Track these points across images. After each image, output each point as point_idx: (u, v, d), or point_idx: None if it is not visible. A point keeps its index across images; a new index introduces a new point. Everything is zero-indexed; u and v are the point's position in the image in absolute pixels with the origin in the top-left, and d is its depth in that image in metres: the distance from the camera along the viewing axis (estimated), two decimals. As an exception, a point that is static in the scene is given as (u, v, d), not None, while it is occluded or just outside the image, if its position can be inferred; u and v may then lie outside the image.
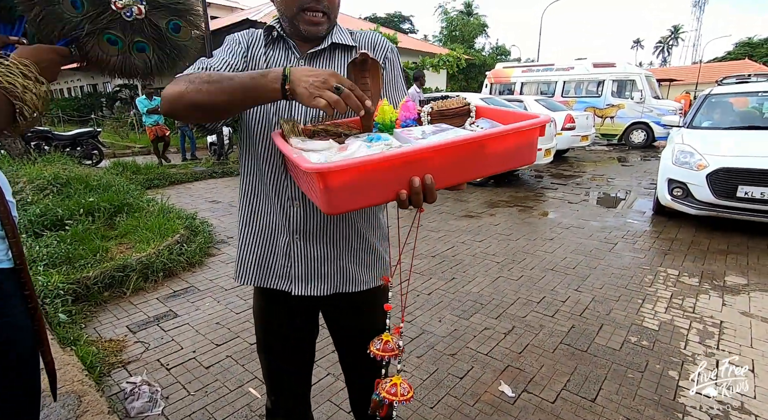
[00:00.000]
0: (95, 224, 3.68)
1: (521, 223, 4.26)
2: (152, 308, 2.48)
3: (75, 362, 1.61)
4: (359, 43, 1.01)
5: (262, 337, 1.08)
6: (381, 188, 0.66)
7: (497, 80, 12.74)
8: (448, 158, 0.71)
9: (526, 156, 0.84)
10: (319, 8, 0.90)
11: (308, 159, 0.67)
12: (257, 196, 0.98)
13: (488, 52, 31.20)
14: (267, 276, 0.99)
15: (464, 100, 0.97)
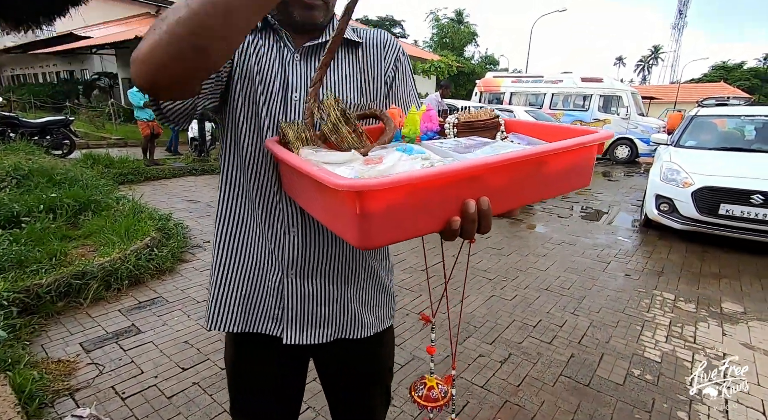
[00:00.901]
0: (56, 223, 3.36)
1: (512, 238, 4.15)
2: (112, 322, 2.22)
3: (7, 395, 1.36)
4: (366, 40, 0.84)
5: (238, 397, 0.87)
6: (430, 214, 0.50)
7: (487, 89, 12.77)
8: (506, 177, 0.55)
9: (584, 176, 0.69)
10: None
11: (335, 173, 0.49)
12: (241, 219, 0.79)
13: (477, 60, 31.55)
14: (252, 319, 0.80)
15: (492, 111, 0.81)
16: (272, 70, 0.76)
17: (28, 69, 25.50)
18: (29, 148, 6.62)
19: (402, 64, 0.85)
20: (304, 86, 0.76)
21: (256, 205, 0.76)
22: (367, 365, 0.90)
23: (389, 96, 0.85)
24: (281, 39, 0.78)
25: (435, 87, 18.22)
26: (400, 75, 0.85)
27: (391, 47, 0.84)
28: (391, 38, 0.86)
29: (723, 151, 4.47)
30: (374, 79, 0.83)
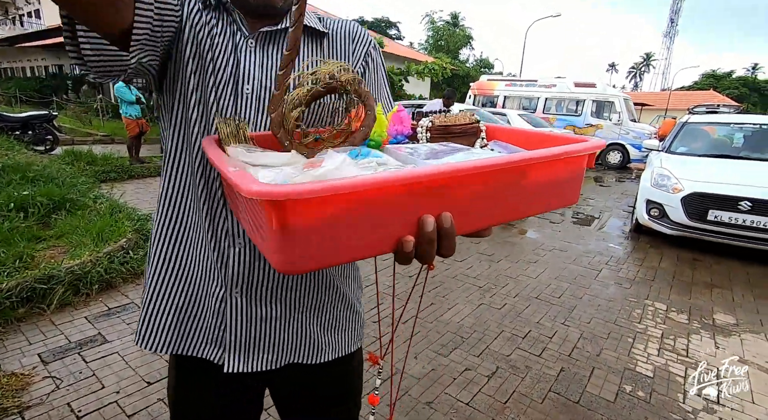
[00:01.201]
0: (27, 222, 3.20)
1: (503, 243, 4.07)
2: (77, 330, 2.08)
3: (-57, 416, 1.24)
4: (333, 31, 0.73)
5: None
6: (376, 232, 0.39)
7: (481, 92, 12.75)
8: (476, 189, 0.45)
9: (572, 192, 0.59)
10: None
11: (254, 177, 0.38)
12: (183, 224, 0.68)
13: (472, 63, 31.65)
14: (188, 341, 0.69)
15: (472, 116, 0.71)
16: (223, 56, 0.65)
17: (15, 63, 24.97)
18: (9, 144, 6.40)
19: (373, 60, 0.76)
20: (258, 77, 0.66)
21: (201, 209, 0.66)
22: (329, 388, 0.80)
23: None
24: (234, 21, 0.67)
25: (429, 90, 18.19)
26: (371, 71, 0.75)
27: (361, 40, 0.74)
28: (361, 30, 0.76)
29: (713, 158, 4.53)
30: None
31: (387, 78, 0.81)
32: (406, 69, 9.87)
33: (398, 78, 9.51)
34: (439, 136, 0.66)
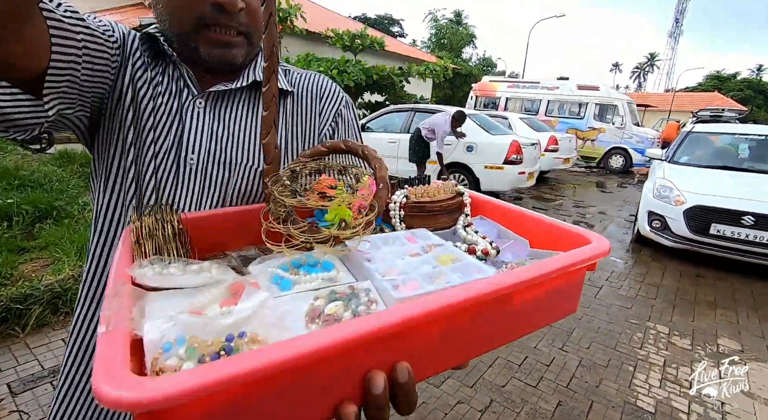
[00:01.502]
0: (11, 232, 3.12)
1: (501, 255, 3.97)
2: (52, 355, 1.99)
3: None
4: (299, 88, 0.64)
5: None
6: (301, 401, 0.29)
7: (483, 93, 12.61)
8: (446, 327, 0.36)
9: (569, 302, 0.50)
10: (231, 24, 0.53)
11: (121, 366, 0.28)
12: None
13: (475, 62, 31.43)
14: None
15: (454, 186, 0.61)
16: (166, 119, 0.56)
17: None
18: (2, 143, 6.31)
19: (344, 119, 0.66)
20: (206, 145, 0.56)
21: None
22: None
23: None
24: (182, 77, 0.57)
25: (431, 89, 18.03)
26: (341, 132, 0.66)
27: (331, 98, 0.65)
28: (331, 86, 0.66)
29: (716, 170, 4.45)
30: (304, 137, 0.63)
31: (360, 137, 0.71)
32: (407, 69, 9.72)
33: (399, 79, 9.36)
34: (416, 215, 0.56)
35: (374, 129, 6.64)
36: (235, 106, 0.59)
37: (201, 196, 0.56)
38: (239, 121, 0.59)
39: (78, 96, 0.50)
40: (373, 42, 9.50)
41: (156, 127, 0.55)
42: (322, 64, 8.67)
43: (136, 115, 0.55)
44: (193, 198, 0.56)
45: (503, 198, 6.51)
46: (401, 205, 0.56)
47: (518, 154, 5.39)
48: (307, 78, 0.66)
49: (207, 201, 0.57)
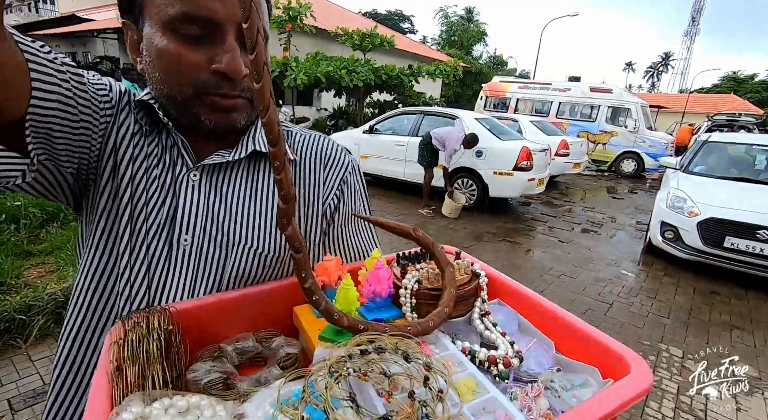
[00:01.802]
0: (18, 235, 3.12)
1: (509, 266, 3.90)
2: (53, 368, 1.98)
3: None
4: (303, 154, 0.59)
5: None
6: None
7: (493, 93, 12.45)
8: None
9: None
10: (234, 93, 0.48)
11: None
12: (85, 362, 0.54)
13: (485, 60, 31.10)
14: None
15: (469, 266, 0.55)
16: (158, 194, 0.51)
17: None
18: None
19: (349, 186, 0.61)
20: (201, 224, 0.52)
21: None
22: None
23: (329, 233, 0.60)
24: (176, 146, 0.53)
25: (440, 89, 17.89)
26: (346, 200, 0.61)
27: (336, 165, 0.61)
28: (337, 151, 0.62)
29: (732, 181, 4.36)
30: (309, 207, 0.58)
31: (367, 203, 0.66)
32: (416, 69, 9.62)
33: (408, 78, 9.26)
34: (429, 303, 0.51)
35: (382, 131, 6.57)
36: (233, 179, 0.55)
37: (195, 279, 0.52)
38: (238, 195, 0.54)
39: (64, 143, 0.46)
40: (383, 41, 9.42)
41: (148, 203, 0.51)
42: (331, 63, 8.61)
43: (130, 188, 0.51)
44: (187, 281, 0.52)
45: (512, 204, 6.42)
46: (413, 291, 0.50)
47: (528, 161, 5.29)
48: (311, 142, 0.62)
49: (202, 285, 0.52)
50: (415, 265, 0.53)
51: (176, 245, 0.51)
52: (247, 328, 0.50)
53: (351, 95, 10.80)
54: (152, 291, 0.51)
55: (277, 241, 0.55)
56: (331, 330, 0.46)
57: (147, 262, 0.51)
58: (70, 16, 18.23)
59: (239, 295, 0.50)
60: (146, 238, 0.51)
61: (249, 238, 0.54)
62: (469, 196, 5.73)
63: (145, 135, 0.53)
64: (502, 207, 6.17)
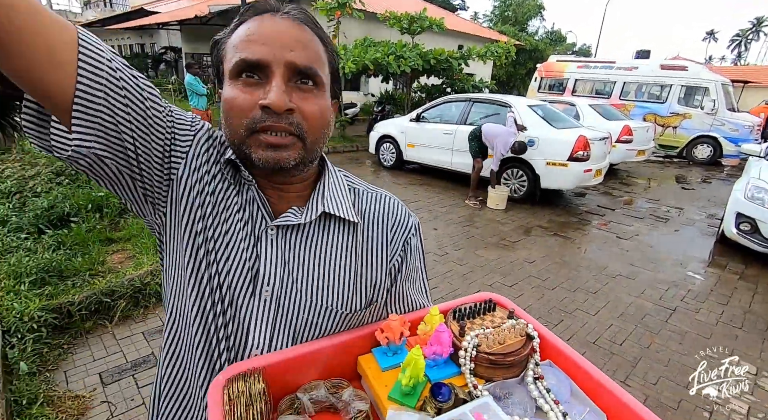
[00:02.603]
0: (101, 223, 3.50)
1: (560, 264, 3.75)
2: (134, 348, 2.24)
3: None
4: (368, 216, 0.62)
5: None
6: None
7: (548, 74, 11.71)
8: None
9: None
10: (280, 125, 0.50)
11: None
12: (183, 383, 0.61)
13: (542, 36, 29.15)
14: None
15: (523, 329, 0.56)
16: (241, 245, 0.56)
17: (106, 42, 27.35)
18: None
19: (412, 248, 0.64)
20: (280, 276, 0.56)
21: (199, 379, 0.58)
22: None
23: (391, 290, 0.63)
24: (255, 201, 0.57)
25: (490, 72, 17.11)
26: (409, 261, 0.64)
27: (401, 226, 0.63)
28: (402, 212, 0.64)
29: None
30: (375, 267, 0.61)
31: (424, 263, 0.68)
32: (466, 52, 9.25)
33: (457, 62, 8.94)
34: (486, 368, 0.53)
35: (429, 119, 6.47)
36: (306, 239, 0.58)
37: (274, 327, 0.56)
38: (311, 255, 0.58)
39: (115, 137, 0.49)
40: (432, 23, 9.14)
41: (232, 252, 0.55)
42: (379, 48, 8.53)
43: (213, 234, 0.55)
44: (266, 331, 0.56)
45: (565, 195, 6.10)
46: (472, 357, 0.53)
47: (585, 151, 4.97)
48: (378, 203, 0.64)
49: (280, 335, 0.56)
50: (473, 321, 0.56)
51: (258, 295, 0.55)
52: (317, 376, 0.54)
53: (398, 80, 10.68)
54: (236, 337, 0.55)
55: (347, 300, 0.58)
56: (399, 391, 0.50)
57: (232, 309, 0.55)
58: (139, 10, 19.55)
59: (315, 349, 0.54)
60: (231, 285, 0.55)
61: (322, 297, 0.57)
62: (518, 186, 5.52)
63: (229, 188, 0.57)
64: (554, 198, 5.89)
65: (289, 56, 0.50)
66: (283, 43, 0.50)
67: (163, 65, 20.75)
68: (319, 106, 0.53)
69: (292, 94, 0.51)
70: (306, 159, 0.55)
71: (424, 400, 0.49)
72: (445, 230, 4.39)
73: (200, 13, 12.27)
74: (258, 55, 0.49)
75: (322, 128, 0.55)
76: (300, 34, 0.52)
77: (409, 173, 6.93)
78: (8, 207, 3.50)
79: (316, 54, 0.53)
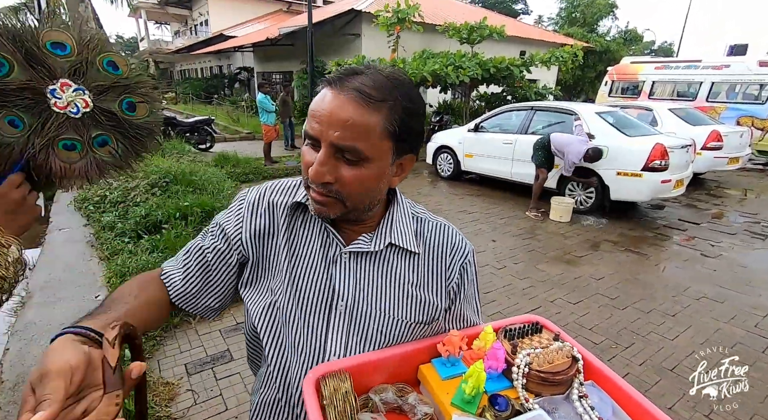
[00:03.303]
0: (187, 230, 3.93)
1: (633, 282, 3.48)
2: (213, 344, 2.50)
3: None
4: (428, 245, 0.70)
5: None
6: None
7: (621, 77, 10.94)
8: None
9: None
10: (317, 190, 0.61)
11: None
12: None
13: (614, 36, 27.26)
14: None
15: (570, 350, 0.61)
16: (319, 268, 0.66)
17: (190, 65, 30.76)
18: (181, 146, 7.95)
19: (467, 273, 0.71)
20: (352, 293, 0.65)
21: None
22: None
23: (450, 310, 0.70)
24: (325, 232, 0.68)
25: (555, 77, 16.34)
26: (464, 286, 0.71)
27: (458, 252, 0.70)
28: (459, 239, 0.71)
29: None
30: (435, 290, 0.69)
31: (477, 286, 0.75)
32: (529, 59, 8.99)
33: (518, 69, 8.72)
34: (537, 385, 0.58)
35: (488, 129, 6.38)
36: (374, 264, 0.67)
37: (348, 337, 0.65)
38: (379, 278, 0.66)
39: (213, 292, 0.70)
40: (492, 32, 9.03)
41: (312, 278, 0.66)
42: (437, 60, 8.60)
43: (293, 262, 0.66)
44: (341, 340, 0.65)
45: (639, 207, 5.64)
46: (525, 373, 0.58)
47: (663, 160, 4.58)
48: (438, 231, 0.72)
49: (353, 342, 0.65)
50: (522, 341, 0.61)
51: (334, 309, 0.65)
52: (384, 381, 0.62)
53: (457, 90, 10.64)
54: (316, 345, 0.65)
55: (411, 312, 0.66)
56: (461, 399, 0.56)
57: (313, 321, 0.65)
58: (219, 35, 21.68)
59: (384, 356, 0.62)
60: (310, 301, 0.65)
61: (388, 309, 0.66)
62: (585, 198, 5.23)
63: (303, 223, 0.69)
64: (627, 211, 5.47)
65: (333, 138, 0.56)
66: (330, 123, 0.57)
67: (237, 84, 22.70)
68: (360, 177, 0.59)
69: (336, 165, 0.59)
70: (350, 214, 0.64)
71: (482, 408, 0.55)
72: (503, 242, 4.29)
73: (271, 36, 13.33)
74: (312, 131, 0.59)
75: (361, 193, 0.61)
76: (349, 113, 0.56)
77: (467, 184, 6.86)
78: (115, 215, 4.08)
79: (363, 131, 0.56)
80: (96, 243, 3.79)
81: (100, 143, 0.84)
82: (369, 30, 11.09)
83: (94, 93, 0.79)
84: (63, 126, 0.77)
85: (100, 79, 0.80)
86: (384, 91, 0.57)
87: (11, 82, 0.71)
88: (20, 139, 0.72)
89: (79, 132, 0.79)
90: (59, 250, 3.70)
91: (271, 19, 23.37)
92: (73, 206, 4.76)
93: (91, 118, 0.80)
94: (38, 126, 0.74)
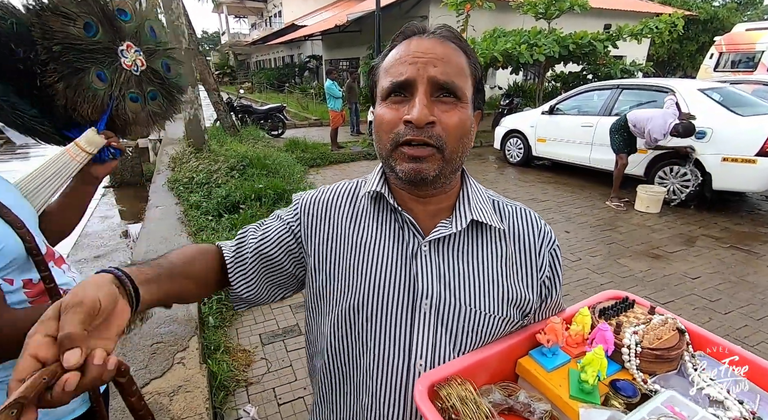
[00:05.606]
0: (261, 210, 4.20)
1: (738, 284, 3.04)
2: (284, 317, 2.65)
3: (203, 387, 1.78)
4: (511, 224, 0.64)
5: None
6: None
7: (732, 48, 9.40)
8: None
9: None
10: (420, 138, 0.54)
11: None
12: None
13: (723, 2, 23.47)
14: None
15: (674, 321, 0.59)
16: (399, 265, 0.61)
17: (265, 55, 32.54)
18: (256, 133, 8.48)
19: (553, 259, 0.64)
20: (438, 290, 0.59)
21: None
22: None
23: (546, 301, 0.64)
24: (405, 223, 0.62)
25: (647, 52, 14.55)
26: (554, 273, 0.65)
27: (544, 235, 0.64)
28: (542, 223, 0.65)
29: None
30: (526, 279, 0.62)
31: (560, 273, 0.67)
32: (616, 32, 8.07)
33: (602, 44, 7.87)
34: (650, 362, 0.54)
35: (565, 111, 5.89)
36: (458, 248, 0.61)
37: (435, 338, 0.59)
38: (465, 263, 0.61)
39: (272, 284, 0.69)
40: (573, 5, 8.24)
41: (390, 274, 0.61)
42: (509, 38, 8.08)
43: (366, 262, 0.62)
44: (428, 342, 0.58)
45: (748, 198, 4.86)
46: (637, 353, 0.54)
47: (786, 143, 3.88)
48: (518, 215, 0.65)
49: (441, 344, 0.59)
50: (619, 319, 0.55)
51: (418, 310, 0.60)
52: (486, 381, 0.57)
53: (530, 70, 9.95)
54: (400, 350, 0.59)
55: (502, 305, 0.60)
56: (579, 390, 0.51)
57: (396, 325, 0.60)
58: (291, 25, 22.58)
59: (484, 356, 0.57)
60: (389, 309, 0.60)
61: (477, 303, 0.60)
62: (679, 186, 4.62)
63: (367, 214, 0.64)
64: (731, 202, 4.76)
65: (432, 72, 0.53)
66: (427, 59, 0.54)
67: (306, 72, 23.54)
68: (460, 118, 0.55)
69: (434, 107, 0.54)
70: (446, 170, 0.58)
71: (605, 396, 0.51)
72: (579, 233, 3.98)
73: (339, 23, 13.52)
74: (405, 75, 0.54)
75: (461, 138, 0.56)
76: (444, 50, 0.55)
77: (538, 170, 6.45)
78: (200, 195, 4.48)
79: (458, 68, 0.55)
80: (185, 219, 4.20)
81: (152, 97, 1.02)
82: (436, 11, 10.73)
83: (146, 54, 0.97)
84: (130, 81, 0.94)
85: (150, 43, 0.98)
86: (463, 40, 0.59)
87: (99, 42, 0.87)
88: (105, 90, 0.90)
89: (139, 87, 0.97)
90: (156, 225, 4.16)
91: (340, 6, 23.70)
92: (166, 186, 5.32)
93: (145, 76, 0.98)
94: (114, 80, 0.91)
